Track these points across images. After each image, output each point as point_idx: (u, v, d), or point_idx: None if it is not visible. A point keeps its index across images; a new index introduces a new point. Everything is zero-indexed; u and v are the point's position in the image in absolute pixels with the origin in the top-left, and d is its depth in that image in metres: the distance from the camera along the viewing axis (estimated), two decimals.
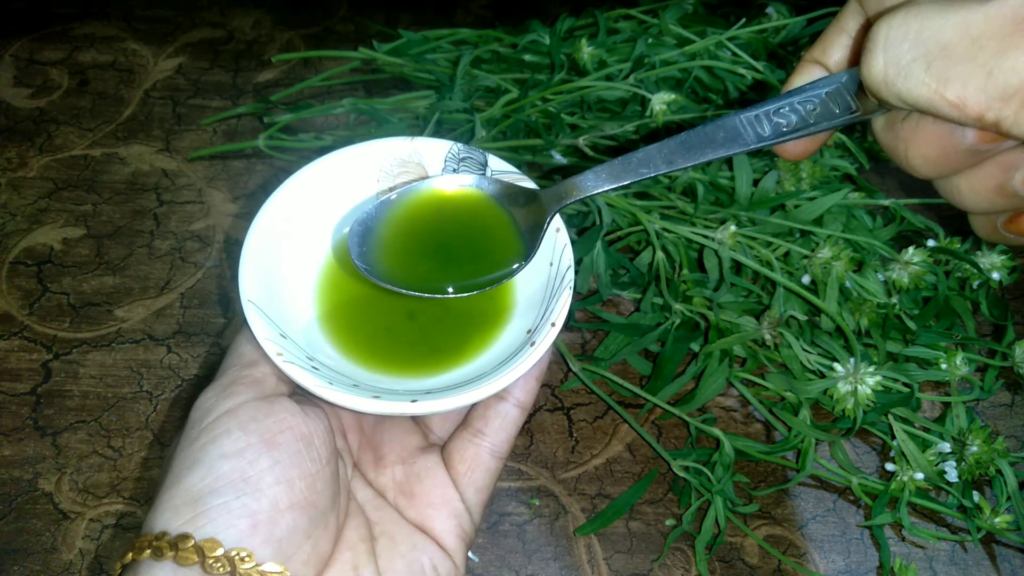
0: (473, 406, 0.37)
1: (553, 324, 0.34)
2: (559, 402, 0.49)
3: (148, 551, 0.28)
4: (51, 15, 0.66)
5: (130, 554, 0.29)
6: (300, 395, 0.34)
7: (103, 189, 0.56)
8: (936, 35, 0.23)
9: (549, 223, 0.36)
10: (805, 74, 0.31)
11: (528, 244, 0.36)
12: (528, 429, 0.48)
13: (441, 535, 0.35)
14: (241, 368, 0.34)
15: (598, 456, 0.47)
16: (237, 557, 0.28)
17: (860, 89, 0.29)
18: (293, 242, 0.38)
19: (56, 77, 0.62)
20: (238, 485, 0.29)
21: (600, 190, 0.34)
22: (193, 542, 0.28)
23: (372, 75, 0.62)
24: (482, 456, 0.36)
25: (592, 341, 0.51)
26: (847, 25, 0.30)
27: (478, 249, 0.37)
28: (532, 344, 0.34)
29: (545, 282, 0.37)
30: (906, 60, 0.24)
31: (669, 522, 0.45)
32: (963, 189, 0.28)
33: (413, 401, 0.32)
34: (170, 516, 0.29)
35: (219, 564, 0.28)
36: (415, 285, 0.35)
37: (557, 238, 0.37)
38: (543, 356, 0.33)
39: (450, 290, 0.35)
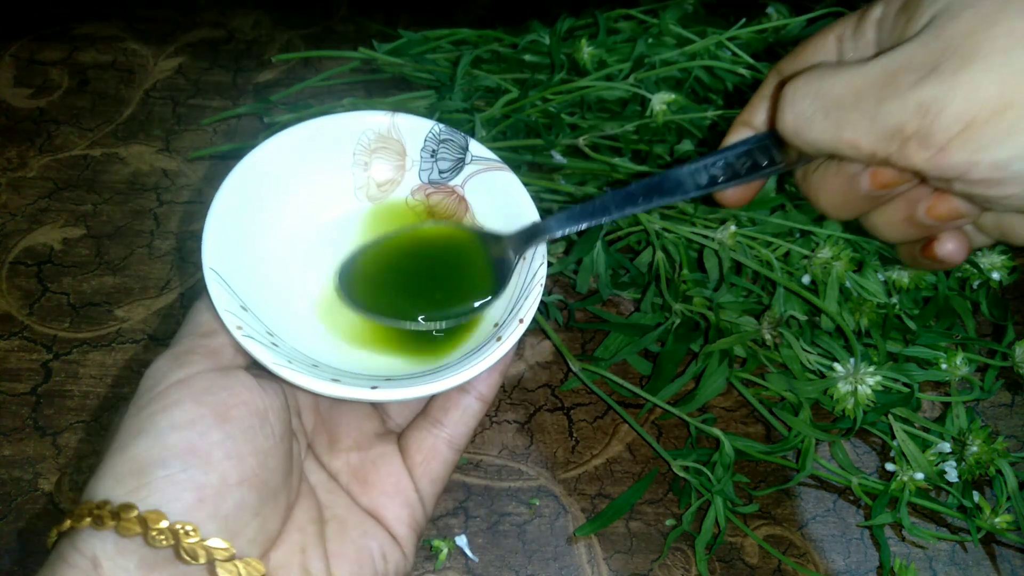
0: (434, 396, 0.37)
1: (521, 320, 0.34)
2: (559, 402, 0.49)
3: (88, 519, 0.27)
4: (51, 15, 0.66)
5: (68, 521, 0.28)
6: (257, 369, 0.33)
7: (103, 189, 0.56)
8: (829, 91, 0.28)
9: (516, 264, 0.37)
10: (736, 134, 0.35)
11: (497, 280, 0.37)
12: (528, 429, 0.48)
13: (393, 523, 0.35)
14: (198, 337, 0.33)
15: (598, 456, 0.47)
16: (181, 531, 0.27)
17: (783, 144, 0.33)
18: (263, 210, 0.37)
19: (56, 77, 0.62)
20: (186, 457, 0.28)
21: (563, 232, 0.36)
22: (136, 512, 0.27)
23: (372, 75, 0.62)
24: (439, 447, 0.36)
25: (592, 341, 0.51)
26: (767, 91, 0.35)
27: (453, 283, 0.38)
28: (498, 339, 0.33)
29: (517, 278, 0.37)
30: (809, 113, 0.29)
31: (669, 522, 0.45)
32: (879, 224, 0.32)
33: (373, 388, 0.31)
34: (112, 484, 0.28)
35: (162, 536, 0.27)
36: (395, 315, 0.37)
37: None
38: (508, 351, 0.33)
39: (433, 324, 0.37)
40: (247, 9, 0.68)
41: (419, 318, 0.36)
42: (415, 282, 0.37)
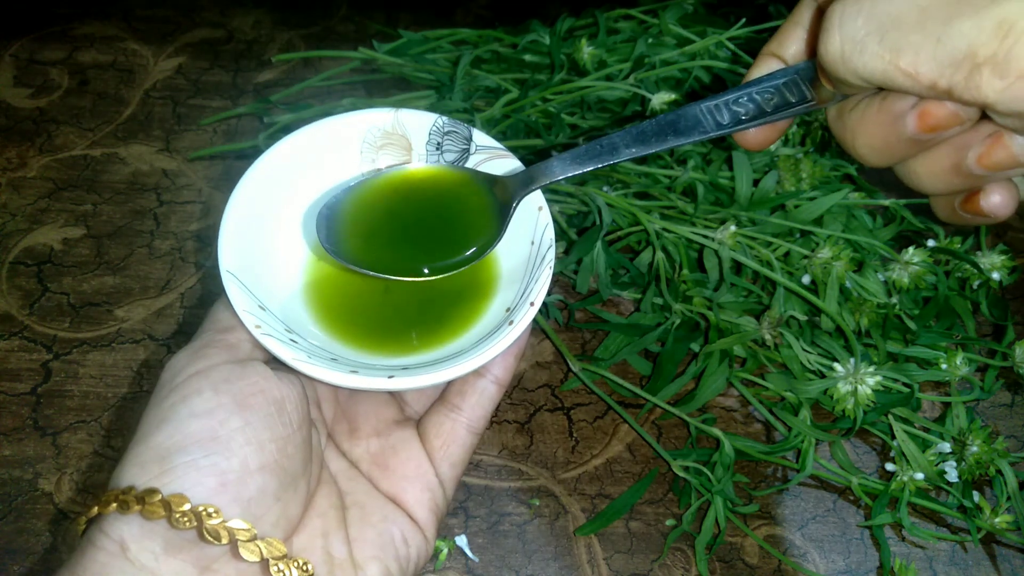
0: (450, 381, 0.37)
1: (532, 303, 0.34)
2: (559, 402, 0.49)
3: (114, 504, 0.28)
4: (51, 15, 0.66)
5: (95, 508, 0.28)
6: (275, 363, 0.34)
7: (103, 189, 0.56)
8: (887, 8, 0.24)
9: (514, 209, 0.36)
10: (763, 66, 0.32)
11: (496, 228, 0.36)
12: (528, 429, 0.48)
13: (413, 507, 0.35)
14: (216, 333, 0.33)
15: (598, 456, 0.47)
16: (204, 512, 0.28)
17: (815, 79, 0.30)
18: (276, 212, 0.38)
19: (56, 77, 0.62)
20: (207, 444, 0.29)
21: (564, 176, 0.35)
22: (160, 496, 0.28)
23: (372, 75, 0.62)
24: (458, 431, 0.37)
25: (592, 341, 0.51)
26: (802, 18, 0.31)
27: (448, 232, 0.37)
28: (511, 323, 0.34)
29: (526, 260, 0.37)
30: (860, 35, 0.25)
31: (669, 522, 0.45)
32: (920, 172, 0.28)
33: (390, 377, 0.32)
34: (136, 472, 0.29)
35: (186, 519, 0.27)
36: (385, 267, 0.36)
37: (539, 217, 0.37)
38: (521, 335, 0.33)
39: (426, 271, 0.36)
40: (247, 9, 0.68)
41: (411, 268, 0.36)
42: (406, 227, 0.37)
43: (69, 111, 0.60)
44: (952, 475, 0.43)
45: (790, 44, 0.32)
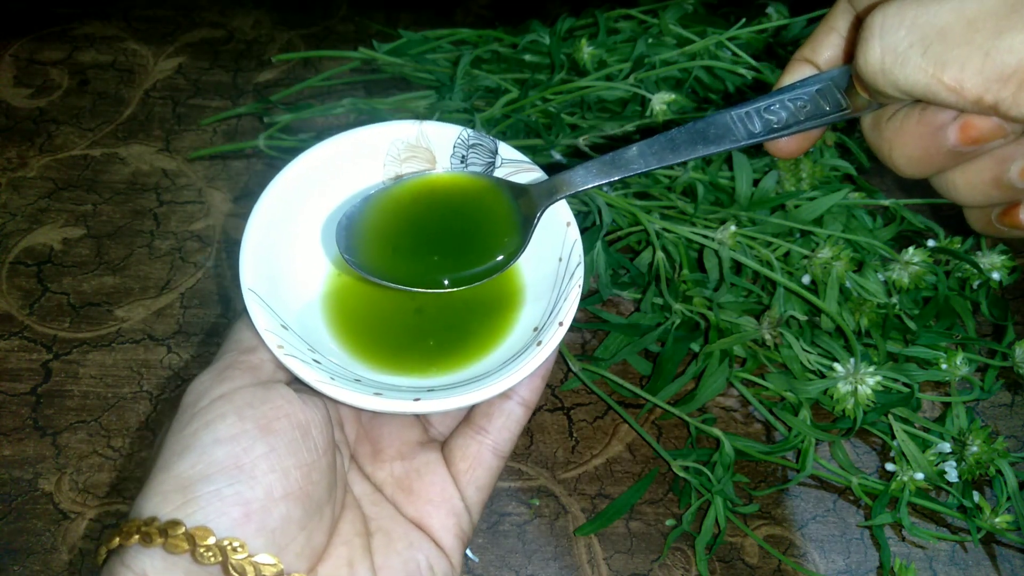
0: (476, 403, 0.36)
1: (561, 324, 0.33)
2: (559, 402, 0.49)
3: (136, 536, 0.27)
4: (51, 15, 0.66)
5: (117, 539, 0.28)
6: (298, 384, 0.33)
7: (103, 189, 0.56)
8: (932, 20, 0.24)
9: (539, 219, 0.35)
10: (795, 72, 0.32)
11: (520, 238, 0.35)
12: (528, 429, 0.48)
13: (439, 533, 0.34)
14: (238, 353, 0.33)
15: (598, 456, 0.47)
16: (229, 547, 0.27)
17: (849, 86, 0.29)
18: (297, 229, 0.37)
19: (56, 77, 0.62)
20: (231, 472, 0.28)
21: (590, 185, 0.34)
22: (184, 529, 0.27)
23: (372, 75, 0.62)
24: (484, 454, 0.36)
25: (592, 341, 0.51)
26: (837, 24, 0.31)
27: (470, 242, 0.36)
28: (539, 344, 0.33)
29: (553, 278, 0.36)
30: (903, 47, 0.24)
31: (669, 522, 0.45)
32: (959, 184, 0.28)
33: (416, 399, 0.31)
34: (159, 502, 0.28)
35: (210, 553, 0.27)
36: (407, 279, 0.35)
37: (567, 232, 0.36)
38: (549, 356, 0.33)
39: (446, 283, 0.35)
40: (247, 9, 0.68)
41: (432, 280, 0.35)
42: (426, 237, 0.36)
43: (69, 111, 0.60)
44: (952, 475, 0.43)
45: (824, 50, 0.31)
